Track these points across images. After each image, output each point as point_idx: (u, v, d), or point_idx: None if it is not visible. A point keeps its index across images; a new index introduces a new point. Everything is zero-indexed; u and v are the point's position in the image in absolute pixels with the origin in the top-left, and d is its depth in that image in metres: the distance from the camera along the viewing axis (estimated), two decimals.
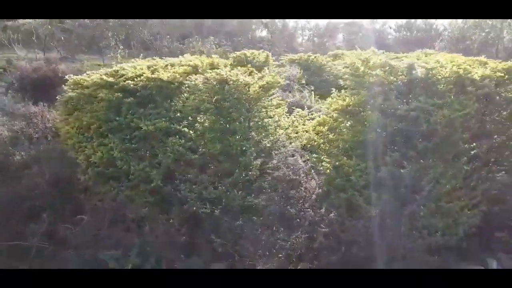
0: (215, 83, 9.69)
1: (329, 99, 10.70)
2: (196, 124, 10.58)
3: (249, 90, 9.34)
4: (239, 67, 10.15)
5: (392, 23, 58.75)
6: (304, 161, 9.74)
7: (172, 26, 50.45)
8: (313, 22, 63.54)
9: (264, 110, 9.63)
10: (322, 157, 10.13)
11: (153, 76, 11.01)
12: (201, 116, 10.34)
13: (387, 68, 10.21)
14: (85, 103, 11.91)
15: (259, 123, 9.72)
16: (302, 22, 62.39)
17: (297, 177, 8.89)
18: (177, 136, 10.48)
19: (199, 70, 11.62)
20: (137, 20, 42.70)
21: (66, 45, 40.16)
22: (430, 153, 9.46)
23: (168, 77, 10.97)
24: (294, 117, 10.89)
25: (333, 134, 10.40)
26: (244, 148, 9.75)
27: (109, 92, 10.88)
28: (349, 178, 9.47)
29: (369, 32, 60.46)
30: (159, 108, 10.95)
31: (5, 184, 11.80)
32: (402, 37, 57.68)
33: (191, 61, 12.27)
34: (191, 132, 10.52)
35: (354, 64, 10.60)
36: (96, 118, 11.21)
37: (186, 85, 10.45)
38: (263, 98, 9.51)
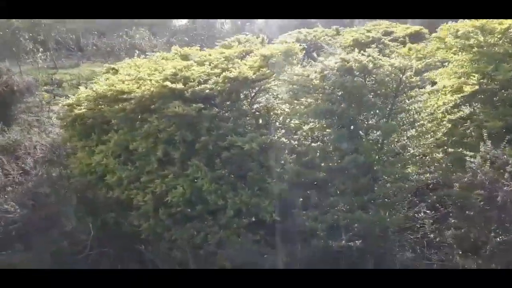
0: (342, 73, 7.24)
1: (443, 82, 8.69)
2: (303, 132, 8.07)
3: (401, 78, 7.00)
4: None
5: None
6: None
7: (84, 21, 45.09)
8: None
9: (412, 100, 7.30)
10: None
11: (231, 75, 8.20)
12: (315, 121, 7.84)
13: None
14: (125, 121, 8.80)
15: (410, 119, 7.42)
16: None
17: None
18: (286, 151, 7.91)
19: (271, 61, 9.02)
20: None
21: None
22: None
23: (254, 73, 8.25)
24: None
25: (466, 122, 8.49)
26: (383, 156, 7.52)
27: (182, 103, 7.85)
28: None
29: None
30: (244, 118, 8.29)
31: None
32: None
33: (253, 51, 9.59)
34: (302, 144, 7.99)
35: (467, 34, 8.82)
36: (159, 141, 8.19)
37: (292, 83, 7.81)
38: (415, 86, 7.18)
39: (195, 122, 7.98)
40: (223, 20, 61.68)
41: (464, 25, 9.81)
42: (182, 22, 59.93)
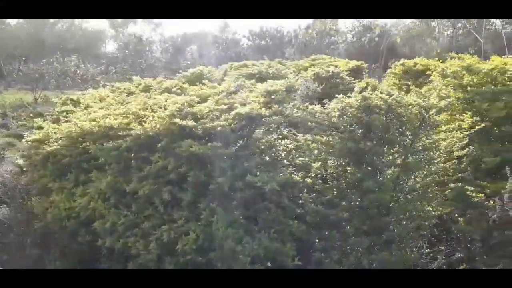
0: (364, 111, 7.17)
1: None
2: (316, 170, 7.82)
3: (425, 116, 7.06)
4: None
5: (246, 31, 59.94)
6: None
7: (5, 46, 41.80)
8: (167, 34, 60.83)
9: (430, 139, 7.40)
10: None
11: (242, 111, 7.76)
12: (332, 159, 7.64)
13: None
14: (118, 161, 7.98)
15: (427, 157, 7.48)
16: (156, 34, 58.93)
17: None
18: (304, 190, 7.57)
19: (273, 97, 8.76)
20: None
21: None
22: None
23: (266, 110, 7.91)
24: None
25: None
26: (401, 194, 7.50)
27: (196, 141, 7.24)
28: None
29: (225, 42, 60.55)
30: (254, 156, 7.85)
31: None
32: (256, 45, 59.43)
33: (246, 86, 9.28)
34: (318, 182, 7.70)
35: (455, 74, 9.32)
36: (162, 182, 7.45)
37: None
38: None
39: (207, 161, 7.39)
40: (155, 48, 60.30)
41: (447, 64, 10.35)
42: (114, 49, 57.28)
